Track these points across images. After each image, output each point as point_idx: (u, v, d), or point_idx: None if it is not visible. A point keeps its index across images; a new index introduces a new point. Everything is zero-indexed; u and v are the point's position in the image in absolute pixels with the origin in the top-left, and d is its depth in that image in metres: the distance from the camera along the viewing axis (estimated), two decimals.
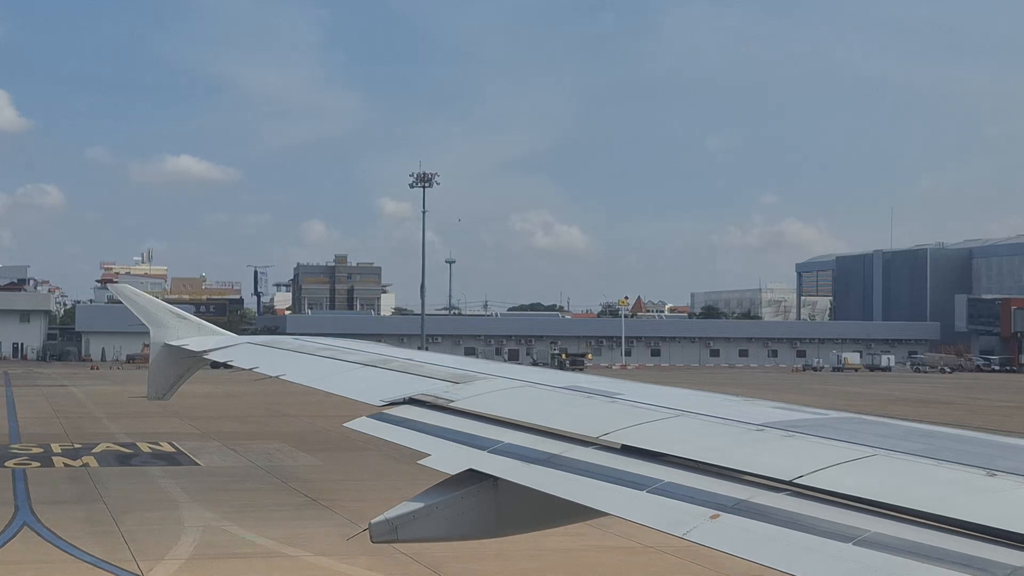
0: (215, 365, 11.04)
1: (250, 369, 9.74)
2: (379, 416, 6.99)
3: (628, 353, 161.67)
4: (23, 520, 26.77)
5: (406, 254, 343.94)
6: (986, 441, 5.01)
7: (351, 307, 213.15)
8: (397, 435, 6.59)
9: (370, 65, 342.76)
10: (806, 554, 4.01)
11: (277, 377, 9.21)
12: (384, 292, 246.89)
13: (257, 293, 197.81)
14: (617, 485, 4.99)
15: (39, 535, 25.11)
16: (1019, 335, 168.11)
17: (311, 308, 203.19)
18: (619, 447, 5.42)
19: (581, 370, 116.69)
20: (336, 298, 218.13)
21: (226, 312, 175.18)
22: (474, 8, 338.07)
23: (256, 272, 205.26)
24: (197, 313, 14.76)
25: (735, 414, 5.74)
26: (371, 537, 5.65)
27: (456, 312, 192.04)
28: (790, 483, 4.50)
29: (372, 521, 5.63)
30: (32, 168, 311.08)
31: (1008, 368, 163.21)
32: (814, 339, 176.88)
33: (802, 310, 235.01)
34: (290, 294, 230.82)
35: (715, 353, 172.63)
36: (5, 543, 24.25)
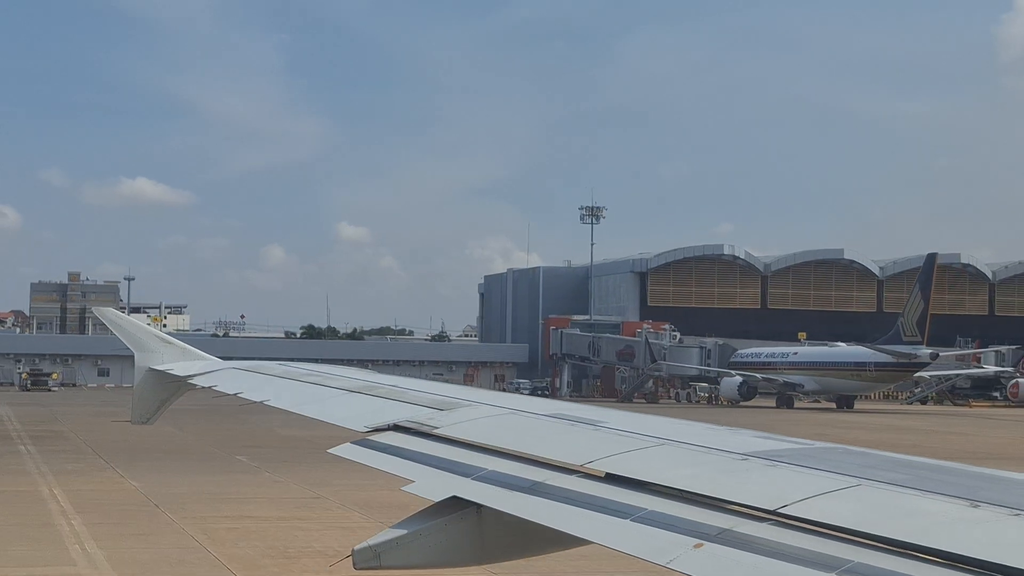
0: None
1: (234, 394, 9.70)
2: (363, 442, 6.96)
3: None
4: None
5: (362, 279, 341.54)
6: (970, 472, 5.02)
7: (83, 328, 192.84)
8: (380, 461, 6.57)
9: (332, 91, 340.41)
10: None
11: (261, 402, 9.17)
12: (180, 313, 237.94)
13: None
14: (600, 513, 4.97)
15: None
16: (555, 357, 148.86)
17: (40, 328, 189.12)
18: (603, 475, 5.41)
19: (48, 390, 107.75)
20: (68, 318, 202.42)
21: None
22: (437, 35, 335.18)
23: None
24: None
25: (718, 443, 5.74)
26: (354, 564, 5.61)
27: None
28: (774, 512, 4.49)
29: (356, 548, 5.60)
30: None
31: (539, 392, 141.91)
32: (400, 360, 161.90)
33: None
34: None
35: None
36: None
